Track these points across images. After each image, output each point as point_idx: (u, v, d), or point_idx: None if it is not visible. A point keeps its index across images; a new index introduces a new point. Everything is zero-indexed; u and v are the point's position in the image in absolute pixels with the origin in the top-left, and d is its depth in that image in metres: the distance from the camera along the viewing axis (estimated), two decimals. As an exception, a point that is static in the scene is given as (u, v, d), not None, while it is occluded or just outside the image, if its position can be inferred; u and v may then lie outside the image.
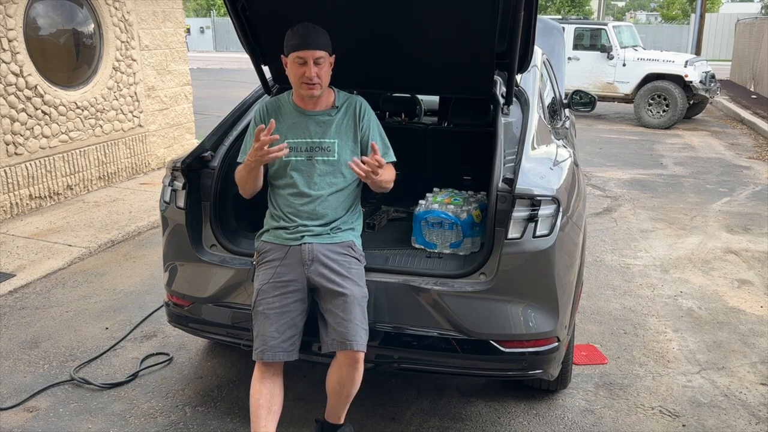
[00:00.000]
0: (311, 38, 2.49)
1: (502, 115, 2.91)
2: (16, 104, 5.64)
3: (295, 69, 2.52)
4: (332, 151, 2.63)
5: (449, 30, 2.81)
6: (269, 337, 2.50)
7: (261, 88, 3.48)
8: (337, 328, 2.46)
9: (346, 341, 2.44)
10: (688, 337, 3.85)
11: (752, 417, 3.09)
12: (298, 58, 2.49)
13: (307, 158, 2.62)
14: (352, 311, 2.46)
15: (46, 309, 4.13)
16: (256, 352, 2.53)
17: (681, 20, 40.18)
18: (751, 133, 11.23)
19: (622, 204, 6.70)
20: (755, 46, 16.53)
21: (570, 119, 4.76)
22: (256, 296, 2.54)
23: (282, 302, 2.51)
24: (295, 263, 2.55)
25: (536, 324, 2.54)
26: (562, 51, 5.03)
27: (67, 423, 2.99)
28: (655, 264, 4.99)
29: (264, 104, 2.73)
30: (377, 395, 3.19)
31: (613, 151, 9.47)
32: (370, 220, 3.32)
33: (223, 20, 41.52)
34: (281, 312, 2.51)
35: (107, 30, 6.67)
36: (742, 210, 6.50)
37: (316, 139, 2.63)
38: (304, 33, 2.49)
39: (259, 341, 2.52)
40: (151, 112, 7.45)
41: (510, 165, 2.65)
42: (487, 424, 3.01)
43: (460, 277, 2.58)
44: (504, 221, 2.49)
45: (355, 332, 2.44)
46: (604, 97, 11.71)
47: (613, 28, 12.14)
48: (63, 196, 6.27)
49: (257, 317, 2.53)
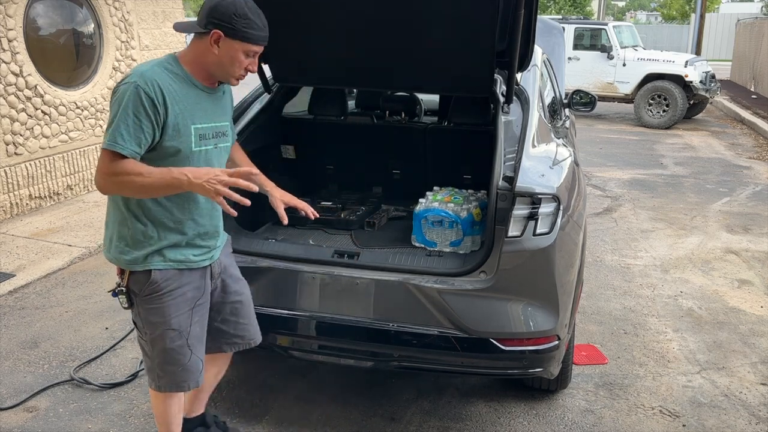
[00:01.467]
0: (266, 32, 2.14)
1: (503, 114, 2.91)
2: (16, 104, 5.64)
3: (238, 57, 2.08)
4: (228, 136, 2.31)
5: (449, 29, 2.81)
6: (198, 364, 2.31)
7: (261, 87, 3.48)
8: (240, 333, 2.48)
9: (252, 341, 2.53)
10: (689, 337, 3.84)
11: (752, 417, 3.08)
12: (251, 51, 2.11)
13: (213, 146, 2.21)
14: (249, 314, 2.51)
15: (46, 309, 4.13)
16: (183, 384, 2.30)
17: (681, 20, 40.19)
18: (751, 133, 11.23)
19: (622, 204, 6.70)
20: (755, 46, 16.53)
21: (570, 119, 4.76)
22: (172, 332, 2.20)
23: (201, 326, 2.31)
24: (204, 282, 2.29)
25: (536, 322, 2.54)
26: (562, 51, 5.02)
27: (67, 423, 2.99)
28: (655, 264, 4.99)
29: (153, 79, 2.01)
30: (377, 395, 3.18)
31: (613, 151, 9.47)
32: (371, 219, 3.32)
33: (223, 21, 41.46)
34: (201, 336, 2.32)
35: (107, 30, 6.67)
36: (742, 210, 6.49)
37: (218, 123, 2.23)
38: (263, 26, 2.11)
39: (186, 374, 2.28)
40: (151, 112, 7.44)
41: (510, 163, 2.65)
42: (487, 424, 3.00)
43: (460, 275, 2.58)
44: (504, 219, 2.49)
45: (256, 330, 2.53)
46: (604, 97, 11.70)
47: (613, 28, 12.14)
48: (63, 196, 6.26)
49: (176, 352, 2.23)
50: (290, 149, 3.78)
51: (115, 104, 1.99)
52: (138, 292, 2.19)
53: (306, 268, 2.70)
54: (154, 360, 2.29)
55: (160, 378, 2.31)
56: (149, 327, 2.23)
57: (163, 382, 2.31)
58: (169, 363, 2.27)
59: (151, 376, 2.35)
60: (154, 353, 2.27)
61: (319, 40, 3.05)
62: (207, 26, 2.04)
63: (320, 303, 2.70)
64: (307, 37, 3.04)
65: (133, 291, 2.19)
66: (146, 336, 2.26)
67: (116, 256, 2.19)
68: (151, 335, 2.24)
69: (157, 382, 2.33)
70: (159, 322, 2.21)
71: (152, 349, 2.27)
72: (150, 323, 2.22)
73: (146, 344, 2.29)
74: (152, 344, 2.26)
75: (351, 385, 3.27)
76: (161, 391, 2.34)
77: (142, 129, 1.98)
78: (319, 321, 2.69)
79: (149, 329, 2.24)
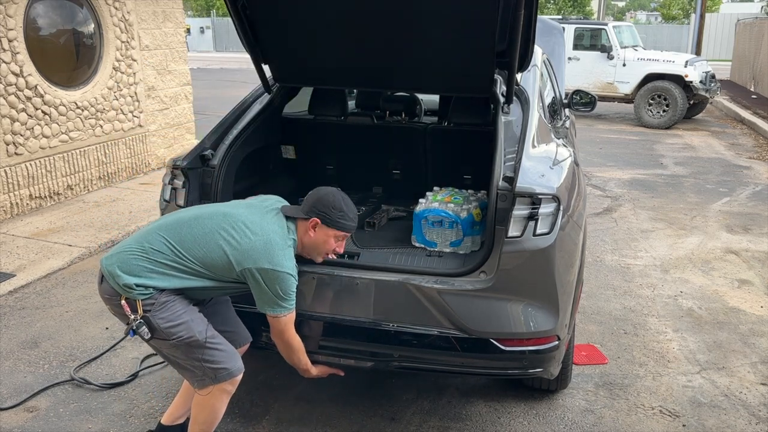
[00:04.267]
0: (356, 222, 2.57)
1: (503, 114, 2.91)
2: (16, 104, 5.64)
3: (329, 241, 2.52)
4: None
5: (449, 29, 2.81)
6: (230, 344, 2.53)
7: (261, 87, 3.48)
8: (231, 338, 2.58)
9: (247, 342, 2.70)
10: (688, 337, 3.84)
11: (752, 417, 3.08)
12: (340, 236, 2.54)
13: None
14: (233, 319, 2.69)
15: (46, 309, 4.13)
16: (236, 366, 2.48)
17: (681, 20, 40.18)
18: (751, 133, 11.23)
19: (622, 204, 6.70)
20: (755, 46, 16.52)
21: (570, 119, 4.76)
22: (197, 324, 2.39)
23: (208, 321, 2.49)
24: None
25: (536, 322, 2.54)
26: (562, 51, 5.02)
27: (67, 423, 2.99)
28: (655, 264, 4.99)
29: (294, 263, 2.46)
30: (377, 395, 3.18)
31: (613, 151, 9.47)
32: (371, 219, 3.32)
33: (223, 20, 41.51)
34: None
35: (107, 30, 6.67)
36: (742, 210, 6.49)
37: None
38: (353, 217, 2.55)
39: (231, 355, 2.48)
40: (151, 112, 7.45)
41: (510, 163, 2.65)
42: (487, 424, 3.00)
43: (460, 275, 2.58)
44: (504, 220, 2.49)
45: (245, 333, 2.70)
46: (604, 97, 11.71)
47: (613, 28, 12.14)
48: (63, 196, 6.26)
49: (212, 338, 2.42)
50: (290, 149, 3.79)
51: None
52: (151, 309, 2.30)
53: (306, 268, 2.70)
54: (197, 361, 2.38)
55: (217, 372, 2.40)
56: (178, 331, 2.33)
57: (221, 372, 2.41)
58: (210, 354, 2.38)
59: (204, 381, 2.41)
60: (196, 354, 2.37)
61: (320, 40, 3.05)
62: (309, 214, 2.48)
63: (320, 303, 2.70)
64: (307, 37, 3.05)
65: (146, 316, 2.30)
66: (178, 343, 2.34)
67: (129, 292, 2.29)
68: (179, 340, 2.34)
69: (213, 378, 2.40)
70: (182, 323, 2.34)
71: (192, 351, 2.37)
72: (177, 326, 2.33)
73: (177, 349, 2.36)
74: (188, 347, 2.36)
75: (351, 385, 3.27)
76: (222, 381, 2.41)
77: None
78: (319, 321, 2.69)
79: (178, 333, 2.33)
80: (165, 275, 2.33)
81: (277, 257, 2.34)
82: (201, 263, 2.34)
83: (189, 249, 2.34)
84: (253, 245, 2.34)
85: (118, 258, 2.33)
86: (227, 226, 2.37)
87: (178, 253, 2.33)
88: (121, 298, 2.30)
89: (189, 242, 2.34)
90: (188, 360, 2.39)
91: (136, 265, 2.31)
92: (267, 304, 2.38)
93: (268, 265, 2.32)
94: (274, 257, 2.34)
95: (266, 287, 2.34)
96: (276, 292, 2.35)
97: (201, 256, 2.34)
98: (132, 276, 2.29)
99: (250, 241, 2.34)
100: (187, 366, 2.42)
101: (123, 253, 2.35)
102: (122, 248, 2.37)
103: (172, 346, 2.37)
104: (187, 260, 2.34)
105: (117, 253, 2.36)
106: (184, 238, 2.35)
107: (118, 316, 2.40)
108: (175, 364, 2.47)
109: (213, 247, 2.34)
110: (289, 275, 2.36)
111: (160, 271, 2.32)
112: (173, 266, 2.33)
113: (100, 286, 2.39)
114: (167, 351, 2.42)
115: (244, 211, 2.46)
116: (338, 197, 2.51)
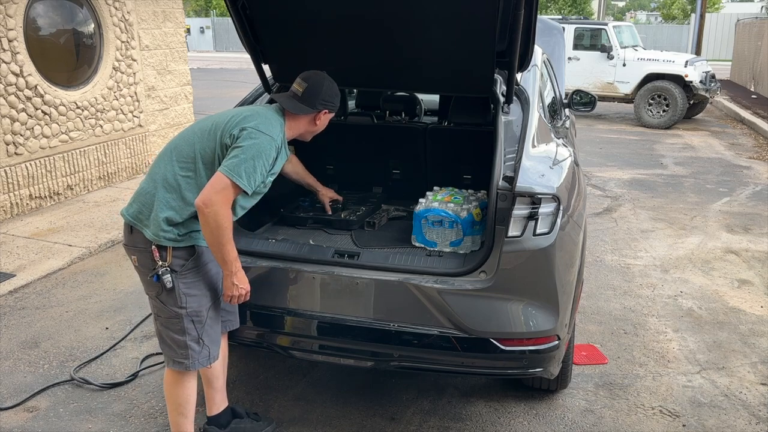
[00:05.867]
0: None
1: (503, 114, 2.91)
2: (16, 104, 5.64)
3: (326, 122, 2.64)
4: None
5: (449, 28, 2.81)
6: (219, 338, 2.57)
7: (261, 87, 3.48)
8: (227, 309, 2.63)
9: (237, 321, 2.71)
10: (688, 337, 3.84)
11: (752, 417, 3.08)
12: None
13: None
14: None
15: (46, 309, 4.13)
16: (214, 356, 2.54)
17: (681, 20, 40.18)
18: (751, 133, 11.23)
19: (623, 204, 6.70)
20: (755, 46, 16.52)
21: (570, 119, 4.76)
22: (210, 301, 2.48)
23: (219, 298, 2.54)
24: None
25: (536, 322, 2.53)
26: (562, 51, 5.02)
27: (67, 423, 2.99)
28: (655, 264, 4.99)
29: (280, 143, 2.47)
30: (377, 395, 3.18)
31: (613, 151, 9.47)
32: (371, 219, 3.32)
33: (223, 20, 41.50)
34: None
35: (107, 30, 6.67)
36: (742, 210, 6.49)
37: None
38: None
39: (215, 347, 2.54)
40: (151, 112, 7.45)
41: (510, 163, 2.65)
42: (487, 424, 3.00)
43: (460, 275, 2.58)
44: (504, 219, 2.49)
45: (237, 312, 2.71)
46: (604, 97, 11.71)
47: (613, 28, 12.13)
48: (63, 196, 6.26)
49: (207, 323, 2.47)
50: (290, 149, 3.78)
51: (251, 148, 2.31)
52: (179, 269, 2.37)
53: (306, 268, 2.70)
54: (189, 335, 2.42)
55: (195, 354, 2.44)
56: (190, 301, 2.39)
57: (197, 357, 2.45)
58: (207, 334, 2.46)
59: (177, 359, 2.45)
60: (191, 327, 2.41)
61: (320, 40, 3.05)
62: (317, 107, 2.54)
63: (320, 303, 2.70)
64: (307, 37, 3.05)
65: (173, 269, 2.36)
66: (185, 311, 2.39)
67: (162, 235, 2.34)
68: (191, 309, 2.39)
69: (188, 361, 2.44)
70: (199, 294, 2.42)
71: (190, 323, 2.41)
72: (191, 296, 2.40)
73: (178, 322, 2.40)
74: (191, 317, 2.42)
75: (351, 385, 3.27)
76: (190, 369, 2.46)
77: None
78: (319, 321, 2.69)
79: (190, 303, 2.39)
80: (182, 200, 2.35)
81: (264, 123, 2.39)
82: (200, 157, 2.38)
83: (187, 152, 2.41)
84: (240, 113, 2.43)
85: (138, 201, 2.41)
86: (215, 119, 2.46)
87: (182, 160, 2.40)
88: (152, 245, 2.35)
89: (186, 148, 2.42)
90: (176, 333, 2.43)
91: (158, 199, 2.35)
92: (234, 160, 2.28)
93: (254, 126, 2.35)
94: (262, 123, 2.38)
95: (244, 146, 2.30)
96: (252, 151, 2.29)
97: (198, 149, 2.39)
98: (160, 211, 2.33)
99: (237, 111, 2.46)
100: (169, 342, 2.46)
101: (140, 194, 2.42)
102: (138, 192, 2.44)
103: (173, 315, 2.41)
104: (188, 161, 2.38)
105: (135, 197, 2.44)
106: (181, 150, 2.43)
107: (142, 268, 2.43)
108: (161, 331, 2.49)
109: (207, 136, 2.40)
110: (271, 139, 2.35)
111: (177, 196, 2.36)
112: (183, 181, 2.37)
113: (129, 236, 2.43)
114: (165, 315, 2.44)
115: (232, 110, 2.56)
116: (335, 83, 2.59)
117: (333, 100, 2.57)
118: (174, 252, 2.36)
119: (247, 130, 2.34)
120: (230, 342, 2.80)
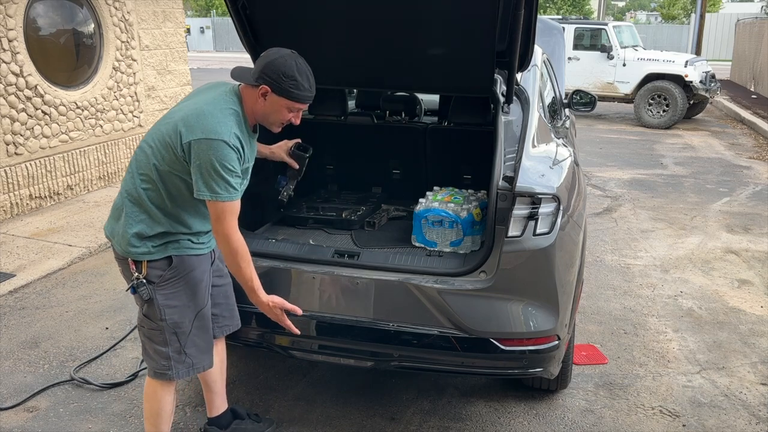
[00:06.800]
0: (312, 92, 2.33)
1: (503, 114, 2.91)
2: (16, 104, 5.64)
3: (282, 112, 2.31)
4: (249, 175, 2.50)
5: (449, 28, 2.81)
6: (212, 343, 2.53)
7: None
8: (229, 314, 2.63)
9: (238, 323, 2.66)
10: (688, 337, 3.84)
11: (752, 417, 3.08)
12: (294, 107, 2.31)
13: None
14: (232, 295, 2.64)
15: (46, 309, 4.13)
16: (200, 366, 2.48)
17: (681, 20, 40.18)
18: (751, 133, 11.23)
19: (623, 204, 6.70)
20: (755, 46, 16.52)
21: (570, 119, 4.76)
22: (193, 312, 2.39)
23: (209, 308, 2.49)
24: (207, 266, 2.46)
25: (536, 322, 2.54)
26: (562, 51, 5.02)
27: (67, 423, 2.99)
28: (655, 264, 4.99)
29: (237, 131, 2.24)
30: (377, 395, 3.18)
31: (613, 151, 9.47)
32: (371, 219, 3.32)
33: (223, 20, 41.50)
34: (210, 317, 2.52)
35: (107, 30, 6.67)
36: (742, 210, 6.49)
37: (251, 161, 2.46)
38: (310, 86, 2.30)
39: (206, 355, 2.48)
40: (152, 112, 7.45)
41: (510, 163, 2.65)
42: (487, 424, 3.00)
43: (460, 275, 2.58)
44: (504, 219, 2.49)
45: (237, 312, 2.66)
46: (604, 97, 11.70)
47: (613, 28, 12.14)
48: (63, 196, 6.26)
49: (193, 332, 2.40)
50: None
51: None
52: (157, 281, 2.30)
53: (306, 267, 2.70)
54: (172, 346, 2.37)
55: (178, 365, 2.40)
56: (170, 313, 2.33)
57: (180, 368, 2.40)
58: (193, 344, 2.40)
59: (159, 369, 2.41)
60: (173, 339, 2.36)
61: (320, 40, 3.05)
62: (258, 80, 2.24)
63: (320, 303, 2.70)
64: (307, 37, 3.04)
65: (151, 281, 2.30)
66: (165, 323, 2.34)
67: (132, 251, 2.28)
68: (171, 320, 2.34)
69: (171, 372, 2.40)
70: (180, 305, 2.35)
71: (172, 335, 2.36)
72: (171, 308, 2.33)
73: (160, 333, 2.36)
74: (173, 329, 2.35)
75: (351, 385, 3.27)
76: (173, 379, 2.43)
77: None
78: (319, 321, 2.69)
79: (170, 315, 2.33)
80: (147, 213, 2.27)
81: (209, 124, 2.15)
82: (154, 168, 2.24)
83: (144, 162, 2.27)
84: (185, 118, 2.19)
85: (112, 215, 2.38)
86: (168, 120, 2.28)
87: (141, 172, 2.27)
88: (128, 259, 2.31)
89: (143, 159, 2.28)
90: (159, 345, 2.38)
91: (126, 214, 2.29)
92: (204, 183, 2.14)
93: (201, 135, 2.14)
94: (206, 125, 2.15)
95: (201, 162, 2.13)
96: (212, 164, 2.12)
97: (153, 159, 2.24)
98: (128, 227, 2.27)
99: (183, 114, 2.21)
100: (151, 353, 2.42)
101: (113, 209, 2.38)
102: (112, 206, 2.40)
103: (155, 327, 2.36)
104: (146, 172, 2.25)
105: (111, 211, 2.40)
106: (140, 161, 2.29)
107: (125, 279, 2.41)
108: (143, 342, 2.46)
109: (160, 144, 2.23)
110: (222, 143, 2.13)
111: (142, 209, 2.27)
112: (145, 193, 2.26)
113: (112, 248, 2.42)
114: (148, 326, 2.39)
115: (186, 102, 2.35)
116: (291, 62, 2.23)
117: (275, 78, 2.21)
118: (150, 264, 2.28)
119: (193, 144, 2.15)
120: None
